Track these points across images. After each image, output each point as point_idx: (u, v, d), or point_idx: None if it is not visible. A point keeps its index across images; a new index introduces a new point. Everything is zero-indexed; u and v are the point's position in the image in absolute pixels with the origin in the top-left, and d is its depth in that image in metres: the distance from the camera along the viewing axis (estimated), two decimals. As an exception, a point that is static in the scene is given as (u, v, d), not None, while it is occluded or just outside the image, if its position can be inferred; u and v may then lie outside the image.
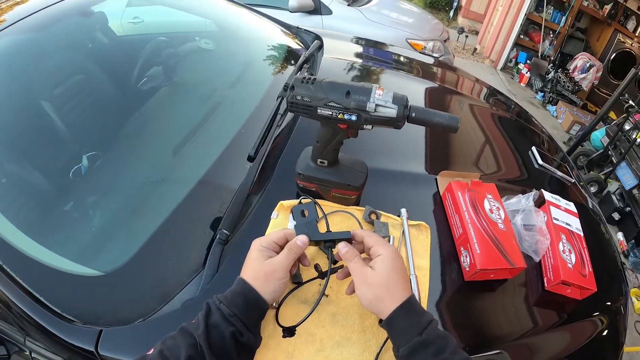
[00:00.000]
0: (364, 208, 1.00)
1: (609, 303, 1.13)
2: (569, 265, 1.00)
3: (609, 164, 3.78)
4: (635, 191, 3.32)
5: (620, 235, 3.37)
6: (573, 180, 1.51)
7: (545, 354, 0.93)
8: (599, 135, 4.15)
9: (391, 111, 0.77)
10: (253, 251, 0.70)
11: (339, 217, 0.98)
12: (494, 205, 1.03)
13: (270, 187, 1.05)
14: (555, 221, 1.10)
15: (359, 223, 0.98)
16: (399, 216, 1.01)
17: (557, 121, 5.03)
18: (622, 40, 5.32)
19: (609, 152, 3.81)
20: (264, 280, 0.66)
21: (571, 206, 1.20)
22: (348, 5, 4.03)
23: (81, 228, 0.98)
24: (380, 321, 0.66)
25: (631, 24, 5.48)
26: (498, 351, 0.87)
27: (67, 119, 1.20)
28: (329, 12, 3.86)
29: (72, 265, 0.87)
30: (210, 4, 2.09)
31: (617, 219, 3.45)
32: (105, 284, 0.86)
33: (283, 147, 1.17)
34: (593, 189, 3.70)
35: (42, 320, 0.79)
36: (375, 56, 2.13)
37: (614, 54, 5.25)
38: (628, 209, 3.37)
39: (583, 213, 1.28)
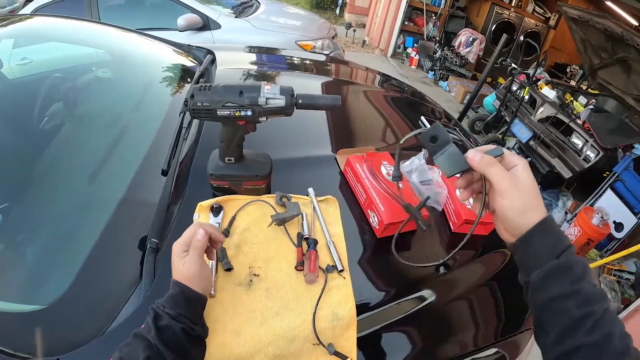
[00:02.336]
0: (275, 195, 1.08)
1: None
2: (468, 207, 1.14)
3: (504, 124, 4.18)
4: (531, 142, 3.70)
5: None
6: (461, 142, 1.71)
7: (465, 284, 1.08)
8: (490, 100, 4.58)
9: (280, 101, 0.89)
10: (174, 256, 0.74)
11: (253, 207, 1.06)
12: (391, 169, 1.14)
13: (188, 192, 1.12)
14: (447, 173, 1.24)
15: (273, 208, 1.05)
16: (307, 196, 1.11)
17: (450, 95, 5.47)
18: (500, 12, 5.93)
19: (502, 113, 4.22)
20: (191, 281, 0.71)
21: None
22: (235, 17, 4.09)
23: (14, 270, 1.00)
24: (512, 245, 0.61)
25: (506, -4, 6.11)
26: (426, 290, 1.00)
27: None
28: (218, 26, 3.91)
29: (12, 305, 0.89)
30: (99, 33, 2.10)
31: (520, 170, 3.82)
32: (50, 315, 0.87)
33: (193, 156, 1.24)
34: (493, 149, 4.08)
35: None
36: (269, 61, 2.25)
37: (494, 25, 5.83)
38: (529, 159, 3.75)
39: None
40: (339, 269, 0.94)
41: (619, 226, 3.09)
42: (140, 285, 0.90)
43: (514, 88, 4.08)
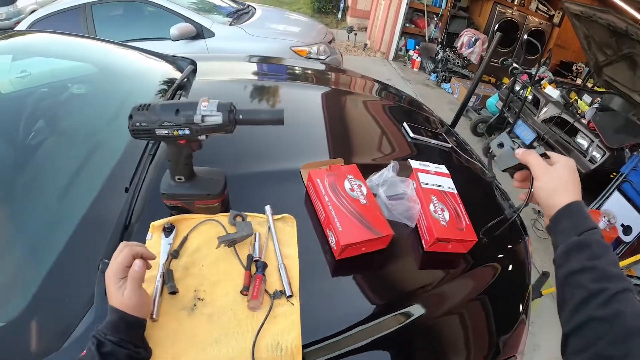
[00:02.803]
0: (229, 213, 1.02)
1: (504, 250, 1.24)
2: (442, 223, 1.06)
3: (507, 125, 4.06)
4: (535, 144, 3.58)
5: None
6: (450, 145, 1.61)
7: (447, 305, 1.01)
8: (493, 101, 4.46)
9: (217, 118, 0.85)
10: (110, 285, 0.72)
11: (206, 227, 1.01)
12: (355, 184, 1.06)
13: (145, 212, 1.08)
14: (424, 185, 1.16)
15: (224, 228, 1.01)
16: (263, 214, 1.04)
17: (453, 97, 5.36)
18: (503, 11, 5.80)
19: (505, 114, 4.09)
20: (131, 310, 0.70)
21: (442, 168, 1.27)
22: (230, 25, 4.06)
23: None
24: (547, 226, 0.69)
25: (508, -5, 5.98)
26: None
27: None
28: (212, 34, 3.90)
29: None
30: (88, 47, 2.12)
31: (524, 173, 3.69)
32: (7, 333, 0.88)
33: (152, 173, 1.20)
34: (496, 151, 3.95)
35: None
36: (258, 70, 2.22)
37: (497, 25, 5.70)
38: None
39: (465, 172, 1.44)
40: (287, 295, 0.87)
41: (627, 229, 2.95)
42: (94, 306, 0.88)
43: (517, 88, 3.96)
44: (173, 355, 0.78)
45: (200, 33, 3.86)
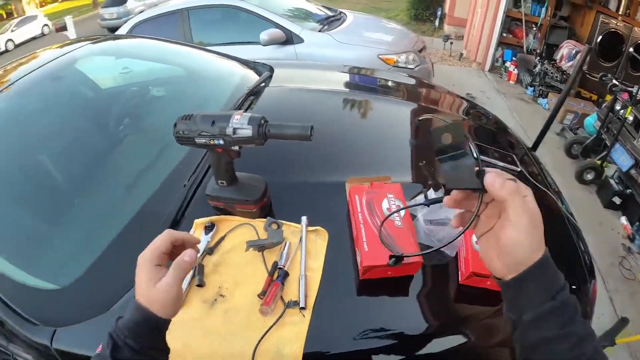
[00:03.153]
0: (266, 219, 1.05)
1: None
2: (483, 257, 0.96)
3: (604, 148, 3.65)
4: (633, 171, 3.19)
5: (623, 220, 3.21)
6: (519, 169, 1.48)
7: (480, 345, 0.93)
8: (592, 121, 4.04)
9: (247, 131, 0.88)
10: (140, 272, 0.62)
11: (244, 229, 1.06)
12: (394, 204, 1.02)
13: (194, 208, 1.16)
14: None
15: (257, 233, 1.04)
16: (298, 224, 1.06)
17: (549, 113, 4.93)
18: (606, 21, 5.21)
19: (602, 135, 3.69)
20: (159, 306, 0.61)
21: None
22: (319, 31, 4.11)
23: (50, 257, 1.19)
24: (504, 282, 0.55)
25: (613, 4, 5.35)
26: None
27: (45, 164, 1.44)
28: (301, 40, 3.98)
29: (38, 281, 1.08)
30: (180, 53, 2.30)
31: (618, 203, 3.30)
32: (61, 295, 1.05)
33: (209, 174, 1.26)
34: (590, 176, 3.57)
35: (14, 324, 0.98)
36: (331, 80, 2.19)
37: (600, 37, 5.14)
38: (628, 191, 3.22)
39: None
40: (301, 306, 0.88)
41: None
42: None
43: (617, 107, 3.53)
44: (184, 342, 0.83)
45: (289, 39, 3.95)
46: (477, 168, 0.52)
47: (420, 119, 1.65)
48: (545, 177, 1.59)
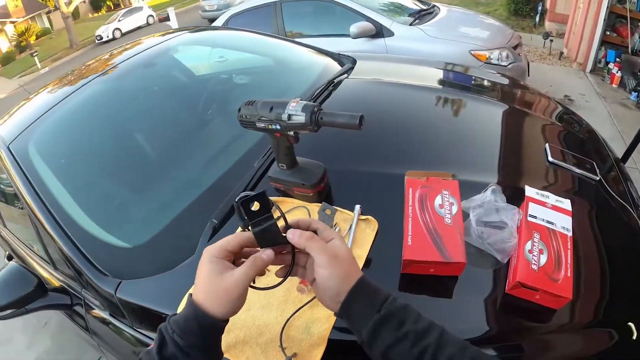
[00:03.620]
0: (321, 204, 1.07)
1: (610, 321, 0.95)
2: (533, 267, 0.89)
3: None
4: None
5: None
6: (598, 179, 1.35)
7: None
8: None
9: (301, 118, 0.90)
10: (204, 264, 0.59)
11: (299, 212, 1.10)
12: (447, 201, 0.99)
13: (259, 188, 1.22)
14: (530, 218, 1.01)
15: (310, 216, 1.07)
16: (351, 211, 1.07)
17: (655, 122, 4.37)
18: None
19: None
20: (218, 302, 0.56)
21: (564, 203, 1.08)
22: (410, 25, 4.02)
23: (126, 219, 1.36)
24: (338, 313, 0.60)
25: None
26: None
27: (147, 140, 1.63)
28: (391, 34, 3.93)
29: (113, 239, 1.23)
30: (270, 44, 2.45)
31: None
32: (131, 253, 1.19)
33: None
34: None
35: (89, 274, 1.13)
36: (421, 76, 2.13)
37: None
38: None
39: (605, 214, 1.23)
40: None
41: None
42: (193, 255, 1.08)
43: None
44: None
45: (379, 32, 3.91)
46: (283, 225, 0.63)
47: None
48: (629, 191, 1.43)
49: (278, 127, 0.94)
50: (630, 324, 0.93)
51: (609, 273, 1.03)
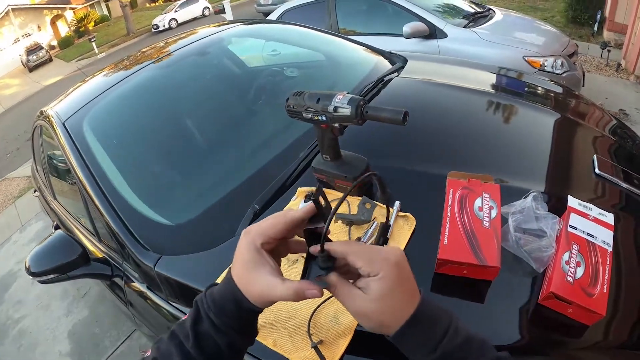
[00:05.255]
0: (361, 198, 1.07)
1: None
2: (569, 279, 0.85)
3: None
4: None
5: None
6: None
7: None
8: None
9: (346, 110, 0.90)
10: (242, 247, 0.54)
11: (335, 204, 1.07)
12: (487, 204, 0.96)
13: (301, 178, 1.25)
14: (570, 229, 0.96)
15: (349, 208, 1.06)
16: (392, 207, 1.06)
17: None
18: None
19: None
20: (252, 294, 0.52)
21: (606, 217, 1.02)
22: (464, 27, 3.89)
23: (171, 198, 1.40)
24: (390, 338, 0.52)
25: None
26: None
27: (188, 126, 1.67)
28: (444, 35, 3.83)
29: (157, 216, 1.26)
30: (322, 39, 2.44)
31: None
32: (173, 231, 1.23)
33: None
34: None
35: (132, 247, 1.18)
36: (473, 79, 2.04)
37: None
38: None
39: None
40: None
41: None
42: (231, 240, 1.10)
43: None
44: None
45: (432, 33, 3.82)
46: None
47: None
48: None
49: (324, 118, 0.94)
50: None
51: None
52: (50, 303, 3.07)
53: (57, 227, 1.93)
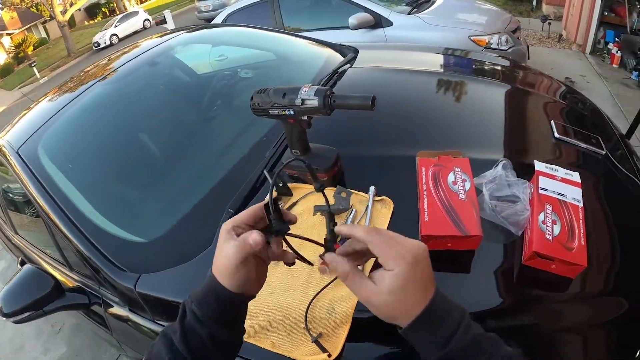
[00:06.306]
0: (335, 188, 1.10)
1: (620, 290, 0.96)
2: (547, 237, 0.91)
3: None
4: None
5: None
6: (604, 152, 1.36)
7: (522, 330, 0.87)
8: None
9: (314, 102, 0.92)
10: (220, 236, 0.58)
11: (315, 196, 1.11)
12: (460, 178, 1.01)
13: (271, 177, 1.23)
14: (541, 191, 1.02)
15: (326, 200, 1.05)
16: (366, 193, 1.08)
17: (657, 99, 4.36)
18: None
19: None
20: (223, 272, 0.56)
21: (573, 176, 1.09)
22: (409, 14, 4.02)
23: (141, 215, 1.38)
24: (400, 328, 0.53)
25: None
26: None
27: (145, 140, 1.64)
28: (390, 23, 3.93)
29: (129, 235, 1.24)
30: (270, 39, 2.45)
31: None
32: (147, 247, 1.20)
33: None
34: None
35: (107, 270, 1.14)
36: (424, 62, 2.14)
37: None
38: None
39: (612, 186, 1.25)
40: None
41: None
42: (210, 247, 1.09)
43: None
44: None
45: (378, 22, 3.91)
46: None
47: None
48: (635, 164, 1.44)
49: (292, 112, 0.95)
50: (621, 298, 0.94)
51: (618, 243, 1.05)
52: (24, 344, 2.93)
53: (22, 263, 1.85)
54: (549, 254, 0.88)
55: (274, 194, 0.63)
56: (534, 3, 7.24)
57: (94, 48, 21.42)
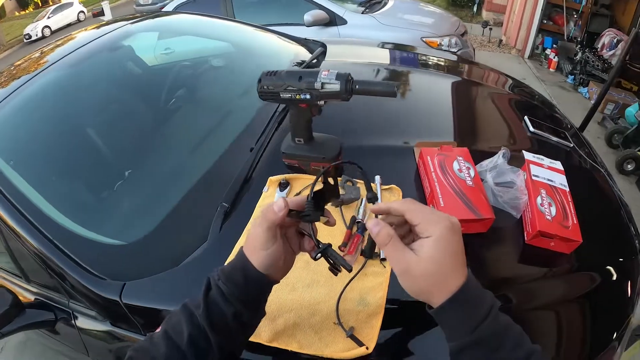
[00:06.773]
0: (341, 178, 1.08)
1: (609, 260, 1.08)
2: (547, 217, 0.99)
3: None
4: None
5: (666, 210, 3.15)
6: (572, 145, 1.49)
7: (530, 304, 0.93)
8: (633, 111, 3.91)
9: (335, 86, 0.91)
10: (256, 219, 0.63)
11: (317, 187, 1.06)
12: (464, 166, 1.05)
13: (264, 168, 1.19)
14: (534, 178, 1.10)
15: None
16: (373, 182, 1.08)
17: (589, 102, 4.80)
18: (650, 10, 4.98)
19: (645, 127, 3.59)
20: (255, 251, 0.57)
21: (556, 164, 1.19)
22: (362, 13, 4.11)
23: (112, 211, 1.24)
24: (430, 307, 0.53)
25: (657, -8, 5.11)
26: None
27: (109, 132, 1.49)
28: (344, 22, 3.99)
29: (103, 238, 1.09)
30: (226, 29, 2.32)
31: (661, 192, 3.24)
32: (128, 251, 1.06)
33: (276, 137, 1.31)
34: (630, 167, 3.49)
35: (81, 279, 0.97)
36: (394, 57, 2.26)
37: (643, 24, 4.93)
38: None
39: (583, 174, 1.37)
40: (381, 257, 0.90)
41: None
42: (205, 244, 1.00)
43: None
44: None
45: (333, 20, 3.96)
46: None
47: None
48: (595, 156, 1.60)
49: (308, 96, 0.93)
50: (609, 267, 1.06)
51: (596, 221, 1.16)
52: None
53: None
54: (551, 232, 0.96)
55: (320, 185, 0.64)
56: (475, 9, 7.69)
57: (25, 40, 19.57)
